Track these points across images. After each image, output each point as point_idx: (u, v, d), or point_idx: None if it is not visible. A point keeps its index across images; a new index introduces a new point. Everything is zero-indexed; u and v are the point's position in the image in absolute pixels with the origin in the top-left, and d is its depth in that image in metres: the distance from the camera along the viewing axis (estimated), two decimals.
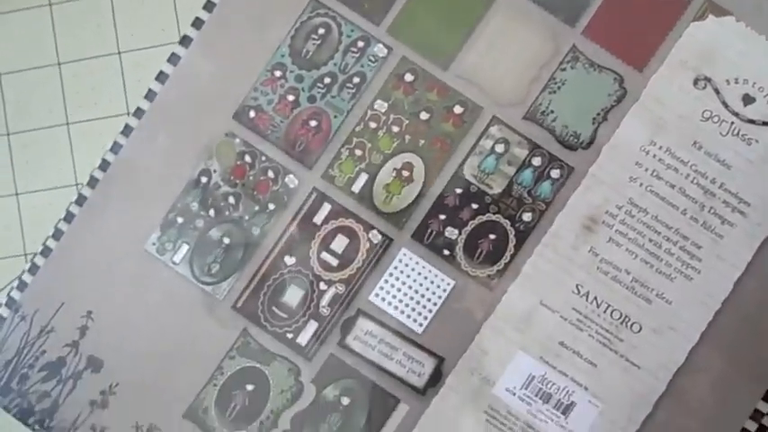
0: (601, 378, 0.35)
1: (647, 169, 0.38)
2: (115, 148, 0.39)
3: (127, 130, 0.39)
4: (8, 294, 0.39)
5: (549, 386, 0.36)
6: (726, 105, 0.38)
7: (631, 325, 0.36)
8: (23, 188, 0.41)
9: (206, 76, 0.37)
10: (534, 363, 0.36)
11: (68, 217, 0.38)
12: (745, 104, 0.38)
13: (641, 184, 0.36)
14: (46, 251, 0.39)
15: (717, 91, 0.38)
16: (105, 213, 0.37)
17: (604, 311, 0.36)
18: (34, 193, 0.41)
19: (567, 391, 0.36)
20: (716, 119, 0.37)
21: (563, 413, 0.36)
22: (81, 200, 0.40)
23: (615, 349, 0.36)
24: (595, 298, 0.37)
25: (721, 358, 0.35)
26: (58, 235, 0.39)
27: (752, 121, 0.38)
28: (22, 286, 0.40)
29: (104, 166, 0.39)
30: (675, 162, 0.36)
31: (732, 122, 0.36)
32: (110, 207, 0.37)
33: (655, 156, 0.37)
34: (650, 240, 0.36)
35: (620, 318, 0.36)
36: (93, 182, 0.40)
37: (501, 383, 0.36)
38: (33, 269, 0.40)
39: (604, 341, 0.36)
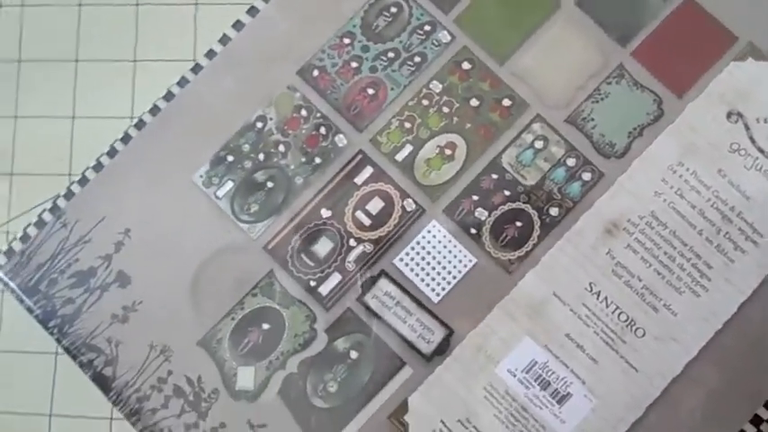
0: (599, 375, 0.34)
1: (672, 187, 0.36)
2: (182, 82, 0.37)
3: (196, 69, 0.39)
4: (54, 201, 0.39)
5: (549, 374, 0.34)
6: (753, 141, 0.39)
7: (636, 329, 0.35)
8: (81, 113, 0.41)
9: (279, 32, 0.37)
10: (539, 349, 0.34)
11: (125, 138, 0.37)
12: None
13: (665, 200, 0.35)
14: (98, 167, 0.37)
15: (747, 127, 0.39)
16: (161, 141, 0.36)
17: (612, 312, 0.35)
18: (90, 119, 0.42)
19: (566, 382, 0.34)
20: (742, 152, 0.36)
21: (558, 402, 0.34)
22: (141, 124, 0.38)
23: (617, 350, 0.34)
24: (606, 298, 0.35)
25: (716, 375, 0.34)
26: (112, 153, 0.37)
27: None
28: (69, 195, 0.39)
29: (169, 96, 0.38)
30: (699, 185, 0.35)
31: (757, 158, 0.36)
32: (166, 135, 0.36)
33: (681, 176, 0.36)
34: (665, 253, 0.35)
35: (626, 320, 0.35)
36: (155, 110, 0.39)
37: (504, 364, 0.34)
38: (83, 181, 0.40)
39: (608, 340, 0.35)
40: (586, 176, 0.36)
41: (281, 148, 0.37)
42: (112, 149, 0.37)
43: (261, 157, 0.37)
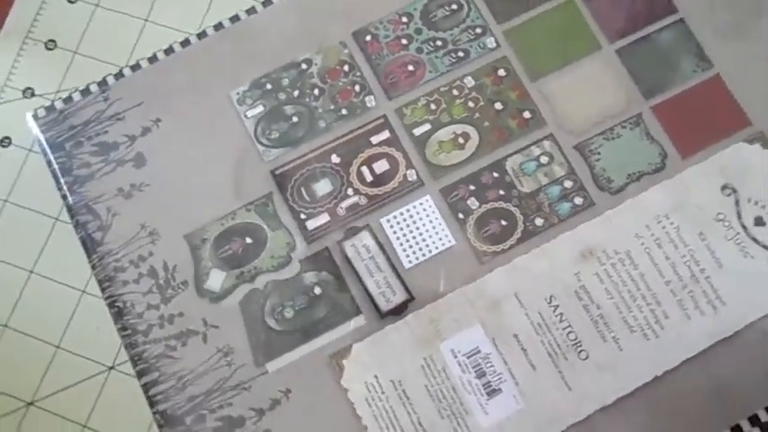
0: (534, 382, 0.32)
1: (653, 234, 0.33)
2: (250, 11, 0.36)
3: (267, 3, 0.36)
4: (104, 77, 0.41)
5: (487, 365, 0.32)
6: (739, 217, 0.38)
7: (580, 351, 0.32)
8: (154, 18, 0.43)
9: None
10: (486, 340, 0.33)
11: (185, 43, 0.36)
12: (756, 224, 0.38)
13: (642, 244, 0.33)
14: (153, 59, 0.36)
15: (737, 203, 0.38)
16: (214, 54, 0.36)
17: (564, 328, 0.33)
18: (160, 26, 0.43)
19: (501, 378, 0.32)
20: (726, 224, 0.33)
21: (488, 394, 0.32)
22: (202, 35, 0.36)
23: (557, 364, 0.32)
24: (561, 314, 0.33)
25: (642, 416, 0.32)
26: (168, 51, 0.36)
27: (755, 240, 0.38)
28: (118, 76, 0.36)
29: (234, 19, 0.37)
30: (678, 240, 0.33)
31: (738, 233, 0.33)
32: (220, 50, 0.36)
33: (664, 227, 0.33)
34: (629, 291, 0.33)
35: (574, 340, 0.32)
36: (218, 26, 0.36)
37: (449, 343, 0.33)
38: (135, 67, 0.39)
39: (552, 353, 0.32)
40: (578, 201, 0.36)
41: (316, 92, 0.37)
42: (170, 48, 0.38)
43: (295, 93, 0.37)
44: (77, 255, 0.38)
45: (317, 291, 0.34)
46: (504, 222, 0.34)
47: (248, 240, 0.34)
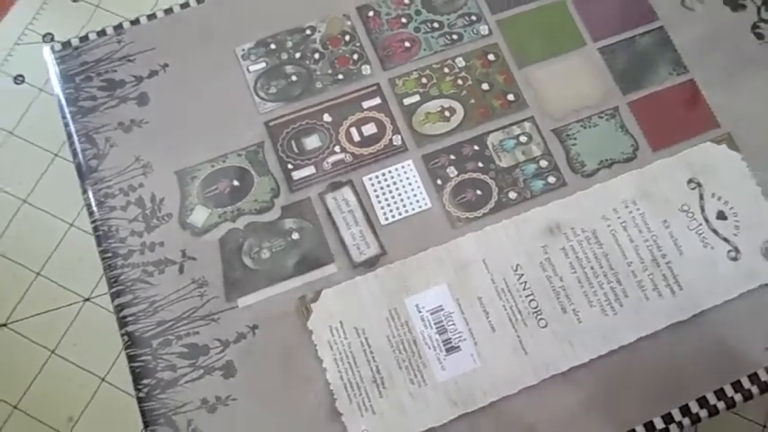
0: (492, 343, 0.31)
1: (619, 217, 0.33)
2: None
3: None
4: (120, 22, 0.41)
5: (449, 323, 0.31)
6: (702, 210, 0.38)
7: (540, 319, 0.31)
8: None
9: None
10: (449, 299, 0.32)
11: (200, 0, 0.37)
12: (717, 218, 0.37)
13: (608, 225, 0.33)
14: (168, 11, 0.36)
15: (701, 197, 0.38)
16: (226, 11, 0.36)
17: (526, 296, 0.32)
18: None
19: (461, 337, 0.31)
20: (690, 215, 0.33)
21: (446, 350, 0.31)
22: None
23: (516, 328, 0.31)
24: (525, 282, 0.32)
25: (593, 387, 0.31)
26: (184, 6, 0.36)
27: (716, 232, 0.37)
28: (135, 22, 0.36)
29: None
30: (643, 225, 0.33)
31: (700, 224, 0.33)
32: (231, 9, 0.36)
33: (630, 212, 0.33)
34: (591, 268, 0.32)
35: (535, 308, 0.31)
36: None
37: (415, 298, 0.32)
38: (151, 17, 0.40)
39: (512, 317, 0.31)
40: (551, 180, 0.36)
41: (317, 56, 0.37)
42: (186, 3, 0.39)
43: (297, 55, 0.37)
44: (71, 190, 0.38)
45: (295, 236, 0.34)
46: (479, 192, 0.34)
47: (235, 183, 0.34)
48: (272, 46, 0.36)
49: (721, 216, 0.33)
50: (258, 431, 0.30)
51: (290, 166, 0.34)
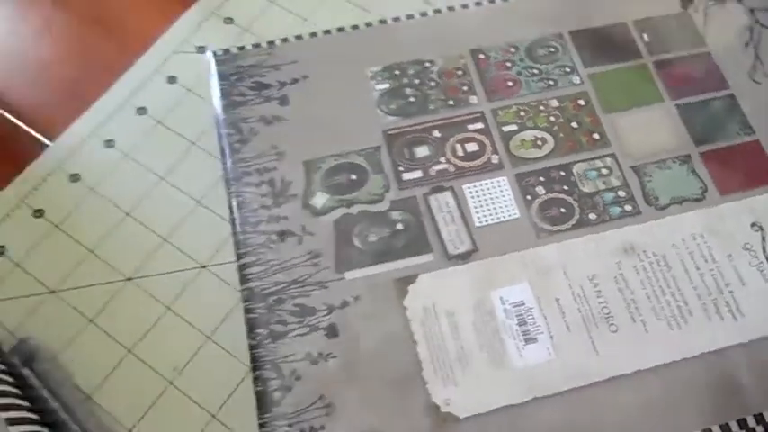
0: (567, 340, 0.34)
1: (687, 247, 0.36)
2: (398, 18, 0.44)
3: (422, 14, 0.43)
4: (273, 40, 0.48)
5: (528, 317, 0.34)
6: (764, 250, 0.39)
7: (611, 324, 0.34)
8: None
9: (479, 20, 0.44)
10: (531, 296, 0.35)
11: (341, 29, 0.43)
12: None
13: (677, 253, 0.35)
14: (313, 35, 0.42)
15: (763, 239, 0.40)
16: (363, 39, 0.42)
17: (600, 303, 0.34)
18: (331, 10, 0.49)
19: (538, 330, 0.34)
20: (752, 253, 0.36)
21: (525, 340, 0.34)
22: (355, 27, 0.47)
23: (589, 330, 0.34)
24: (600, 291, 0.35)
25: (657, 391, 0.33)
26: (327, 32, 0.42)
27: None
28: (285, 40, 0.41)
29: (384, 21, 0.44)
30: (709, 256, 0.35)
31: (762, 262, 0.35)
32: (369, 37, 0.42)
33: (698, 244, 0.36)
34: (660, 287, 0.35)
35: (607, 314, 0.34)
36: (369, 23, 0.48)
37: (500, 291, 0.35)
38: (298, 38, 0.41)
39: (586, 320, 0.34)
40: (627, 207, 0.39)
41: (432, 84, 0.42)
42: (327, 30, 0.46)
43: (416, 81, 0.42)
44: (202, 174, 0.44)
45: (400, 227, 0.38)
46: (563, 210, 0.38)
47: (353, 177, 0.39)
48: (396, 72, 0.42)
49: None
50: (352, 386, 0.33)
51: (400, 169, 0.39)
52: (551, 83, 0.41)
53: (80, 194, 0.44)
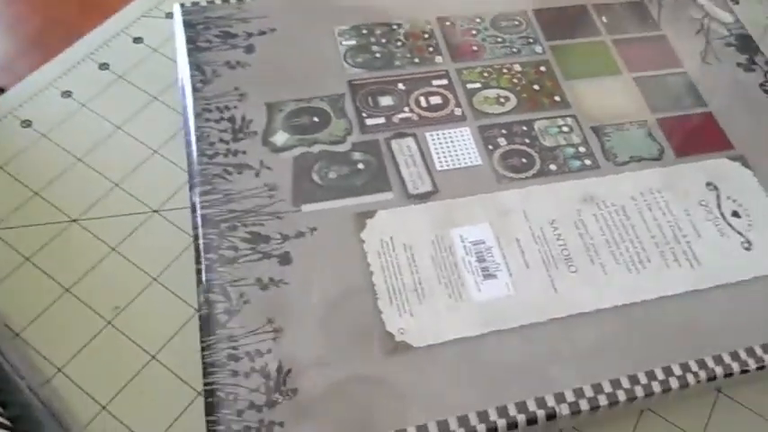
0: (526, 277, 0.33)
1: (645, 200, 0.36)
2: None
3: None
4: None
5: (488, 255, 0.33)
6: (719, 207, 0.39)
7: (570, 266, 0.33)
8: None
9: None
10: (491, 236, 0.34)
11: None
12: (732, 215, 0.39)
13: (636, 205, 0.36)
14: None
15: (718, 197, 0.40)
16: (330, 1, 0.50)
17: (559, 245, 0.34)
18: None
19: (498, 267, 0.33)
20: (707, 208, 0.36)
21: (484, 276, 0.33)
22: None
23: (548, 270, 0.33)
24: (560, 234, 0.34)
25: (616, 327, 0.32)
26: None
27: (731, 226, 0.39)
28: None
29: None
30: (666, 210, 0.36)
31: (717, 217, 0.35)
32: (336, 0, 0.48)
33: (656, 198, 0.36)
34: (619, 234, 0.34)
35: (567, 256, 0.33)
36: None
37: (460, 230, 0.34)
38: None
39: (545, 260, 0.33)
40: (587, 162, 0.39)
41: (399, 44, 0.43)
42: None
43: (383, 40, 0.43)
44: (161, 126, 0.43)
45: (360, 166, 0.37)
46: (524, 160, 0.38)
47: (315, 119, 0.39)
48: (364, 31, 0.42)
49: (735, 215, 0.37)
50: (302, 312, 0.31)
51: (364, 115, 0.38)
52: (515, 50, 0.42)
53: (30, 139, 0.42)
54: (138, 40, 0.47)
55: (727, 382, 0.32)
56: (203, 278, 0.31)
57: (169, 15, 0.48)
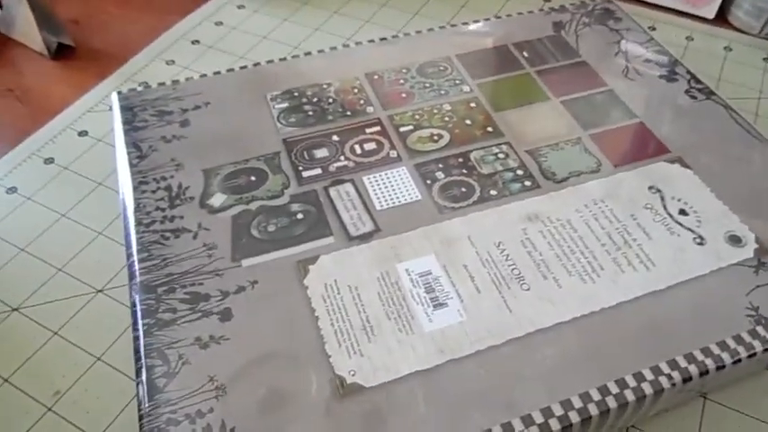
0: (477, 301, 0.31)
1: (591, 211, 0.34)
2: (297, 56, 0.51)
3: (314, 54, 0.51)
4: (177, 79, 0.48)
5: (436, 284, 0.31)
6: (665, 207, 0.37)
7: (522, 284, 0.31)
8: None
9: (372, 52, 0.45)
10: (437, 266, 0.32)
11: (243, 67, 0.49)
12: (679, 214, 0.38)
13: (581, 216, 0.34)
14: (217, 73, 0.48)
15: (663, 198, 0.38)
16: (259, 72, 0.44)
17: (509, 266, 0.32)
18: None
19: (447, 295, 0.31)
20: (653, 211, 0.34)
21: (434, 306, 0.31)
22: (257, 64, 0.51)
23: (500, 290, 0.31)
24: (508, 255, 0.32)
25: (575, 342, 0.29)
26: (230, 70, 0.49)
27: (680, 224, 0.37)
28: (189, 78, 0.48)
29: (283, 59, 0.50)
30: (612, 217, 0.34)
31: (665, 217, 0.34)
32: (266, 71, 0.46)
33: (600, 208, 0.35)
34: (568, 247, 0.33)
35: (518, 275, 0.32)
36: (270, 61, 0.50)
37: (405, 264, 0.32)
38: (203, 75, 0.47)
39: (496, 282, 0.31)
40: (527, 183, 0.38)
41: (330, 100, 0.43)
42: (231, 69, 0.47)
43: (314, 99, 0.43)
44: (111, 208, 0.42)
45: (300, 216, 0.36)
46: (463, 189, 0.37)
47: (252, 178, 0.38)
48: (295, 93, 0.42)
49: (683, 213, 0.36)
50: (245, 367, 0.29)
51: (300, 168, 0.38)
52: (443, 92, 0.42)
53: None
54: (82, 133, 0.47)
55: (709, 385, 0.29)
56: (141, 344, 0.29)
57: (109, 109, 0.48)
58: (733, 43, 0.52)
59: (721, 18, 0.55)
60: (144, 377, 0.28)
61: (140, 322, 0.30)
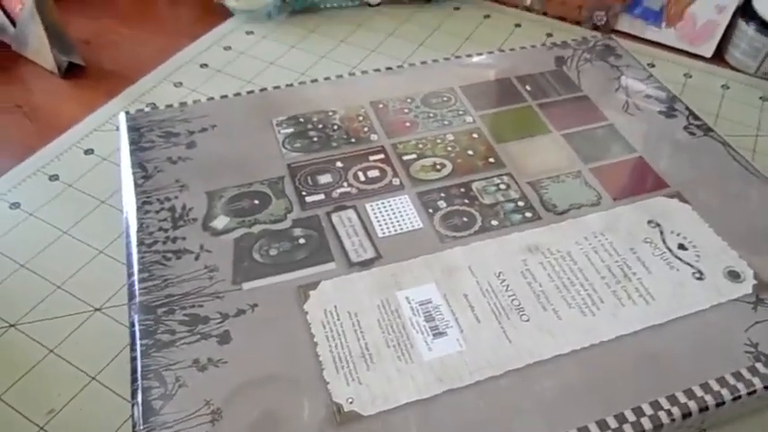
0: (477, 331, 0.31)
1: (590, 244, 0.34)
2: (304, 83, 0.51)
3: (320, 81, 0.49)
4: (185, 101, 0.48)
5: (436, 313, 0.31)
6: (664, 242, 0.37)
7: (522, 315, 0.31)
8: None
9: (378, 81, 0.45)
10: (438, 295, 0.32)
11: (250, 92, 0.46)
12: (679, 248, 0.37)
13: (581, 249, 0.34)
14: (224, 96, 0.47)
15: (662, 233, 0.38)
16: (267, 97, 0.44)
17: (509, 296, 0.32)
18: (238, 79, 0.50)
19: (447, 324, 0.31)
20: (653, 245, 0.34)
21: (433, 335, 0.30)
22: (263, 89, 0.51)
23: (500, 321, 0.31)
24: (508, 285, 0.32)
25: (575, 374, 0.29)
26: (237, 95, 0.46)
27: (680, 258, 0.37)
28: (197, 101, 0.48)
29: (290, 85, 0.51)
30: (612, 250, 0.34)
31: (664, 252, 0.34)
32: (273, 97, 0.44)
33: (600, 241, 0.34)
34: (568, 279, 0.33)
35: (518, 306, 0.31)
36: (277, 87, 0.50)
37: (406, 292, 0.32)
38: (210, 99, 0.47)
39: (496, 312, 0.31)
40: (528, 214, 0.38)
41: (335, 127, 0.43)
42: (238, 93, 0.47)
43: (320, 126, 0.43)
44: (113, 227, 0.42)
45: (302, 241, 0.36)
46: (465, 219, 0.37)
47: (255, 202, 0.38)
48: (301, 120, 0.42)
49: (682, 247, 0.36)
50: (243, 390, 0.29)
51: (303, 193, 0.38)
52: (446, 122, 0.42)
53: None
54: (88, 151, 0.47)
55: (708, 421, 0.29)
56: (138, 365, 0.28)
57: (117, 129, 0.48)
58: (730, 81, 0.53)
59: (719, 57, 0.55)
60: (140, 398, 0.27)
61: (138, 343, 0.29)
